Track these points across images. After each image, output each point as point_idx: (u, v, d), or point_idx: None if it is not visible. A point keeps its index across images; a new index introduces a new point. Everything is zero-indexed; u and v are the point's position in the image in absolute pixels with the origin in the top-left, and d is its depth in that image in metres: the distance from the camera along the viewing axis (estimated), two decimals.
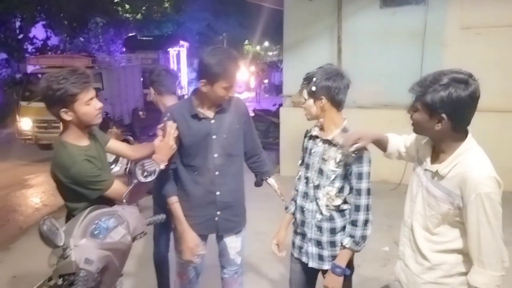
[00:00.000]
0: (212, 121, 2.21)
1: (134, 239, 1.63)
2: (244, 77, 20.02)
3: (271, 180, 2.50)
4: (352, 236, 2.03)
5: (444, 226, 1.67)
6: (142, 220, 1.70)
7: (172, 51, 16.17)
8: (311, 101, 2.04)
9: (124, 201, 1.80)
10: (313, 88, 2.02)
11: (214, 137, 2.21)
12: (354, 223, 2.03)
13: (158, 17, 20.92)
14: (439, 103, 1.52)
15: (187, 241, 2.28)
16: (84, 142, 1.97)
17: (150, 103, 2.98)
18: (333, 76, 2.00)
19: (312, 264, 2.15)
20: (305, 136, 2.23)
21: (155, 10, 20.87)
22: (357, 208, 2.03)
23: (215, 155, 2.22)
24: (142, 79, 11.95)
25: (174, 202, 2.28)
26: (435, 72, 1.58)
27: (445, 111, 1.53)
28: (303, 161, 2.24)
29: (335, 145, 2.02)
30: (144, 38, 16.97)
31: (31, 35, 14.55)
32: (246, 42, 38.27)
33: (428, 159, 1.71)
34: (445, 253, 1.69)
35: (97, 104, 1.92)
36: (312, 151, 2.12)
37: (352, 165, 1.99)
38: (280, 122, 7.05)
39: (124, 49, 17.27)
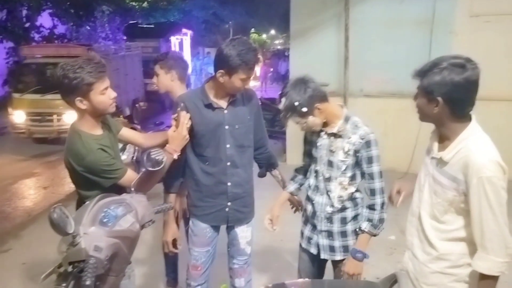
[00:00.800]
0: (225, 111, 2.21)
1: (142, 227, 1.64)
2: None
3: (276, 172, 2.51)
4: (370, 220, 2.05)
5: (451, 214, 1.67)
6: (150, 208, 1.71)
7: (174, 39, 15.67)
8: (310, 117, 2.01)
9: (133, 189, 1.82)
10: (305, 109, 1.98)
11: (227, 127, 2.22)
12: (371, 207, 2.05)
13: (164, 5, 20.79)
14: (434, 86, 1.55)
15: (167, 234, 2.35)
16: (98, 131, 2.00)
17: (151, 93, 2.92)
18: (303, 83, 2.00)
19: (324, 255, 2.17)
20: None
21: None
22: (372, 192, 2.04)
23: (227, 146, 2.23)
24: (142, 68, 11.54)
25: (170, 192, 2.32)
26: (436, 58, 1.59)
27: (440, 93, 1.55)
28: (307, 153, 2.25)
29: (340, 136, 2.03)
30: (144, 26, 16.31)
31: (37, 23, 14.55)
32: (253, 30, 38.03)
33: (435, 147, 1.72)
34: (453, 242, 1.69)
35: (111, 94, 1.94)
36: (318, 144, 2.12)
37: (361, 150, 1.99)
38: None
39: (124, 37, 16.68)
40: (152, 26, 16.28)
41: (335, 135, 2.04)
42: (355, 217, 2.11)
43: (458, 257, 1.68)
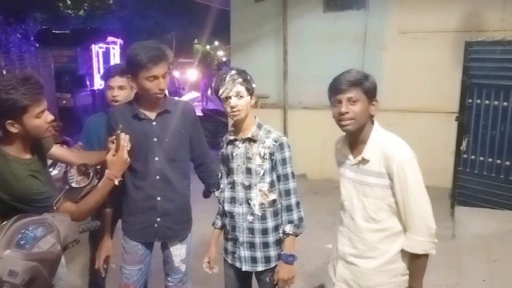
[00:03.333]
0: (154, 123, 2.16)
1: (65, 248, 1.56)
2: (192, 78, 19.56)
3: (218, 193, 2.43)
4: (291, 222, 2.10)
5: (385, 211, 1.78)
6: (74, 228, 1.63)
7: (97, 48, 13.79)
8: (248, 98, 2.07)
9: (55, 208, 1.72)
10: (254, 85, 2.08)
11: (155, 139, 2.15)
12: (289, 208, 2.11)
13: (101, 13, 20.11)
14: (373, 90, 1.78)
15: (101, 250, 2.27)
16: (27, 154, 1.82)
17: (65, 110, 2.50)
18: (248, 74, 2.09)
19: (245, 267, 2.17)
20: (222, 147, 2.25)
21: (98, 6, 20.09)
22: (287, 193, 2.10)
23: (156, 159, 2.16)
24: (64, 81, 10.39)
25: (106, 208, 2.24)
26: (347, 71, 1.82)
27: (375, 95, 1.79)
28: (224, 172, 2.26)
29: (255, 141, 2.09)
30: (59, 32, 14.25)
31: None
32: (196, 41, 37.90)
33: (350, 156, 1.86)
34: (391, 239, 1.79)
35: (48, 117, 1.78)
36: (234, 154, 2.14)
37: (275, 153, 2.07)
38: (229, 122, 7.06)
39: (37, 45, 14.61)
40: (68, 32, 14.30)
41: (250, 140, 2.09)
42: (276, 228, 2.13)
43: (395, 252, 1.79)
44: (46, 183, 1.83)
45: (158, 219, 2.23)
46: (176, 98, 2.42)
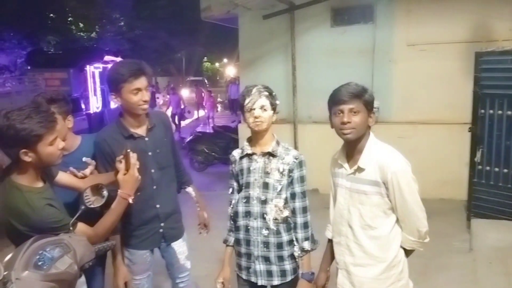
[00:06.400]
0: (146, 139, 2.27)
1: (82, 267, 1.57)
2: (200, 96, 19.49)
3: (190, 189, 2.60)
4: (307, 238, 2.13)
5: (380, 218, 1.87)
6: (91, 247, 1.64)
7: (92, 68, 12.40)
8: (271, 112, 2.11)
9: (71, 228, 1.74)
10: (278, 102, 2.15)
11: (150, 153, 2.27)
12: (306, 225, 2.14)
13: (112, 35, 20.48)
14: (371, 102, 1.87)
15: (118, 277, 2.26)
16: (39, 183, 1.80)
17: None
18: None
19: (261, 281, 2.16)
20: (232, 163, 2.26)
21: (109, 29, 20.50)
22: (304, 210, 2.14)
23: (152, 171, 2.28)
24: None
25: (114, 234, 2.21)
26: (347, 83, 1.89)
27: (373, 107, 1.89)
28: (236, 187, 2.26)
29: (275, 156, 2.11)
30: (51, 53, 13.12)
31: None
32: (205, 59, 38.40)
33: (346, 165, 1.94)
34: (386, 246, 1.88)
35: (60, 144, 1.79)
36: (251, 168, 2.15)
37: (294, 170, 2.10)
38: (239, 138, 7.10)
39: (28, 67, 13.51)
40: (60, 52, 13.07)
41: (270, 155, 2.11)
42: (290, 242, 2.14)
43: (391, 259, 1.89)
44: (61, 209, 1.82)
45: (162, 224, 2.35)
46: (155, 109, 2.52)
